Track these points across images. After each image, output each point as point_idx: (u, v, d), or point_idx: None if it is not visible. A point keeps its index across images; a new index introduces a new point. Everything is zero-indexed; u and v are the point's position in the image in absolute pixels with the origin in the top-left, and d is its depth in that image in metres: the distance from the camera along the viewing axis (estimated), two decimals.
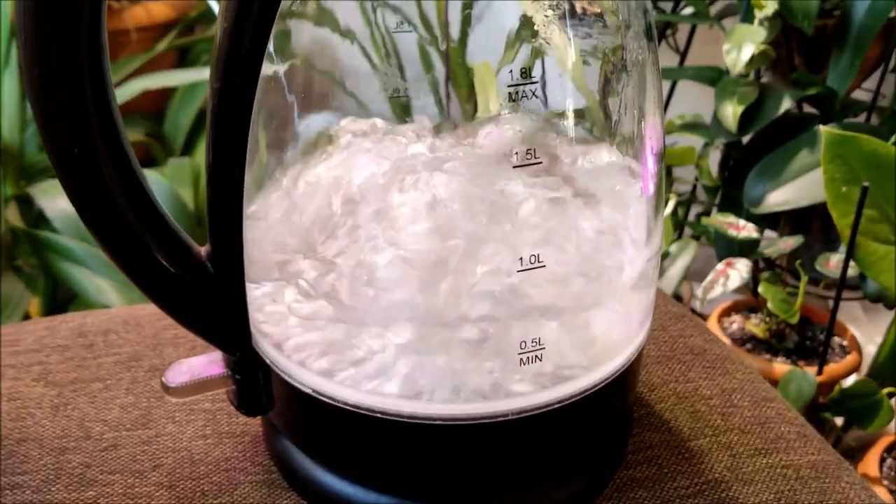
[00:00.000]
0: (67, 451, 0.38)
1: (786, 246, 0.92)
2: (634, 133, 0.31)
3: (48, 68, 0.28)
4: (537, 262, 0.28)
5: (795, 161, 0.94)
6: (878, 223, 0.79)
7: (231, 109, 0.30)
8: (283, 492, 0.36)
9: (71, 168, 0.30)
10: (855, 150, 0.77)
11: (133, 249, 0.32)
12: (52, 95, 0.29)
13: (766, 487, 0.37)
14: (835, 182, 0.78)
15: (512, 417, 0.31)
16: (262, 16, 0.28)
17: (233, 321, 0.34)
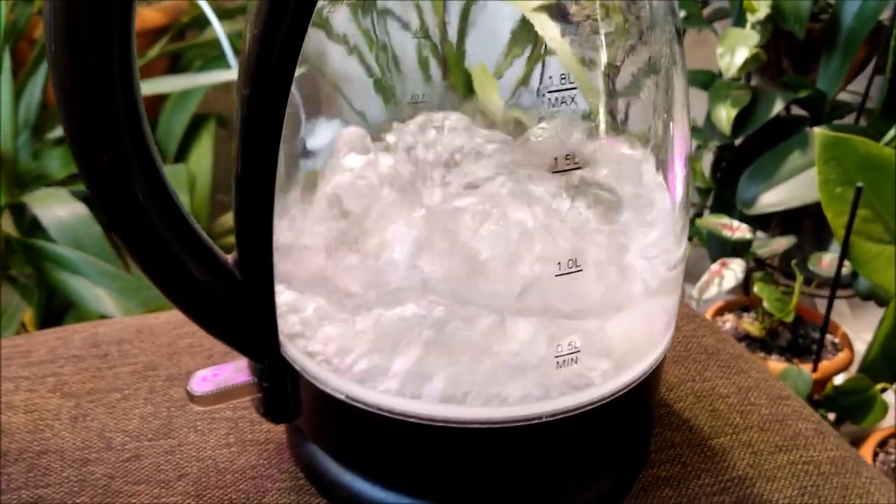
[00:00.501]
0: (90, 462, 0.38)
1: (779, 246, 0.93)
2: (662, 137, 0.32)
3: (80, 80, 0.28)
4: (575, 267, 0.29)
5: (787, 163, 0.95)
6: (872, 223, 0.80)
7: (262, 116, 0.30)
8: (311, 498, 0.36)
9: (102, 179, 0.30)
10: (849, 152, 0.78)
11: (163, 259, 0.32)
12: (84, 108, 0.28)
13: (788, 483, 0.37)
14: (829, 183, 0.79)
15: (546, 420, 0.31)
16: (295, 19, 0.28)
17: (261, 329, 0.34)
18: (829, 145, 0.79)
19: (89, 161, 0.30)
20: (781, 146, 0.96)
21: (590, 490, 0.36)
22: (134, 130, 0.30)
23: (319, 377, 0.33)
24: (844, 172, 0.79)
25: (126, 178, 0.30)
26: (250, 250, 0.33)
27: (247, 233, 0.33)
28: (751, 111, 0.95)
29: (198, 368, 0.44)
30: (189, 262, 0.33)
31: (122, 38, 0.28)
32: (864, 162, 0.78)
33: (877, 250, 0.81)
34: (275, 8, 0.28)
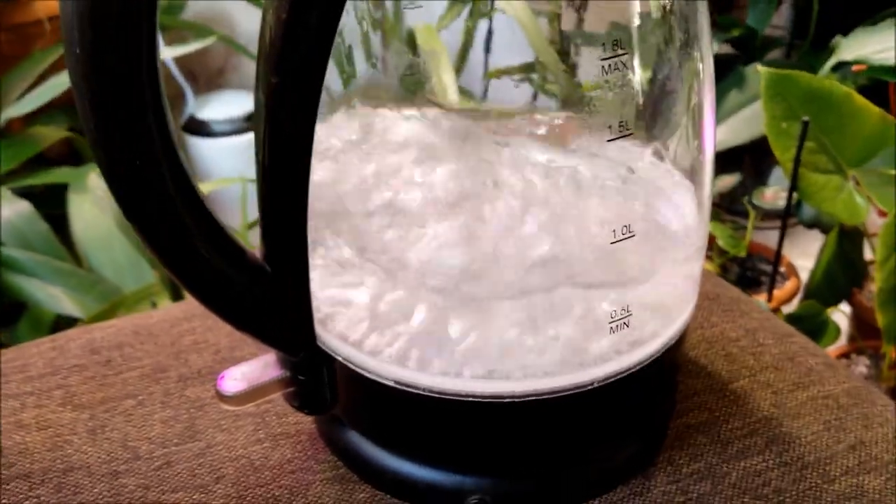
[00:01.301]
0: (120, 474, 0.37)
1: (724, 185, 0.96)
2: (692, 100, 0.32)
3: (106, 80, 0.26)
4: (629, 233, 0.29)
5: (726, 102, 0.97)
6: (817, 154, 0.83)
7: (294, 107, 0.29)
8: (355, 485, 0.36)
9: (131, 181, 0.28)
10: (792, 88, 0.80)
11: (194, 260, 0.31)
12: (112, 106, 0.27)
13: (813, 419, 0.39)
14: (775, 119, 0.82)
15: (596, 386, 0.32)
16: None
17: (296, 322, 0.33)
18: (774, 82, 0.81)
19: (118, 166, 0.28)
20: (718, 86, 0.98)
21: (630, 446, 0.36)
22: (161, 130, 0.28)
23: (366, 365, 0.33)
24: (789, 108, 0.81)
25: (159, 179, 0.29)
26: (281, 243, 0.32)
27: (276, 225, 0.32)
28: None
29: (206, 365, 0.43)
30: (217, 260, 0.31)
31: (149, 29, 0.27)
32: (807, 96, 0.80)
33: (823, 180, 0.83)
34: None
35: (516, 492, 0.34)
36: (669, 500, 0.35)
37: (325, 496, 0.36)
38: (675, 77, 0.32)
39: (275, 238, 0.32)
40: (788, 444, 0.37)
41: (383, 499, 0.35)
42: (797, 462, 0.36)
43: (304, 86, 0.28)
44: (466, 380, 0.31)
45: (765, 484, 0.35)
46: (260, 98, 0.30)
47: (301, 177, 0.30)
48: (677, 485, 0.36)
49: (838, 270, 0.98)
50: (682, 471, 0.36)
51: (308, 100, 0.29)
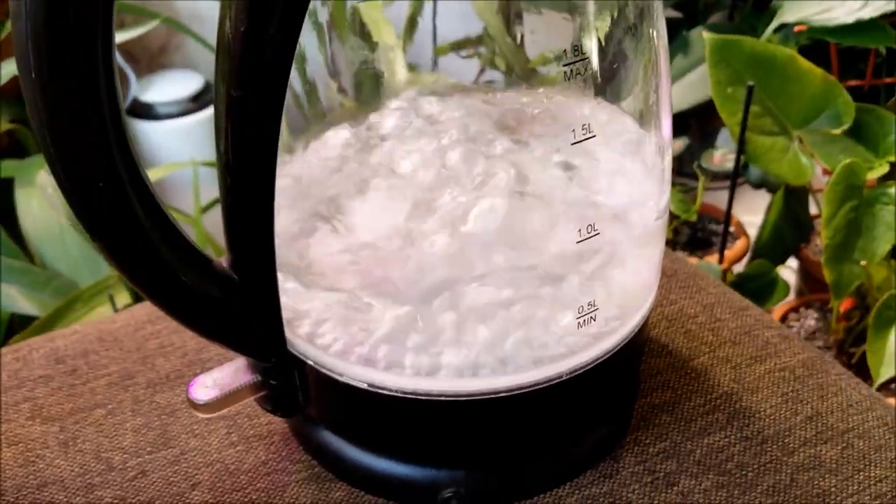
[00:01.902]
0: (95, 487, 0.37)
1: (673, 149, 0.97)
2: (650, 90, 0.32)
3: (63, 90, 0.26)
4: (593, 231, 0.29)
5: (671, 68, 0.98)
6: (763, 117, 0.85)
7: (258, 118, 0.29)
8: (332, 484, 0.37)
9: (93, 200, 0.28)
10: (737, 53, 0.81)
11: (159, 274, 0.31)
12: (68, 115, 0.26)
13: (771, 392, 0.40)
14: (721, 84, 0.83)
15: (564, 378, 0.33)
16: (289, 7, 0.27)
17: (266, 329, 0.33)
18: (718, 48, 0.82)
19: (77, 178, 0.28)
20: None
21: (599, 431, 0.37)
22: (119, 137, 0.28)
23: (336, 369, 0.33)
24: (734, 73, 0.83)
25: (121, 194, 0.28)
26: (247, 251, 0.32)
27: (242, 234, 0.32)
28: None
29: (174, 369, 0.43)
30: (183, 272, 0.31)
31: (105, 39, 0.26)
32: (751, 60, 0.82)
33: (769, 143, 0.85)
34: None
35: (489, 483, 0.35)
36: (638, 480, 0.36)
37: (301, 497, 0.36)
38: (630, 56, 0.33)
39: (241, 247, 0.32)
40: (749, 419, 0.39)
41: (360, 496, 0.36)
42: (757, 436, 0.38)
43: (267, 96, 0.28)
44: (436, 379, 0.32)
45: (728, 459, 0.37)
46: (220, 110, 0.29)
47: (266, 186, 0.30)
48: (644, 465, 0.37)
49: (785, 228, 1.00)
50: (648, 451, 0.37)
51: (271, 110, 0.29)
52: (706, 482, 0.36)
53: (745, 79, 0.82)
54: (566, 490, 0.36)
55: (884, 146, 0.84)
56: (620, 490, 0.36)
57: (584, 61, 0.28)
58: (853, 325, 0.95)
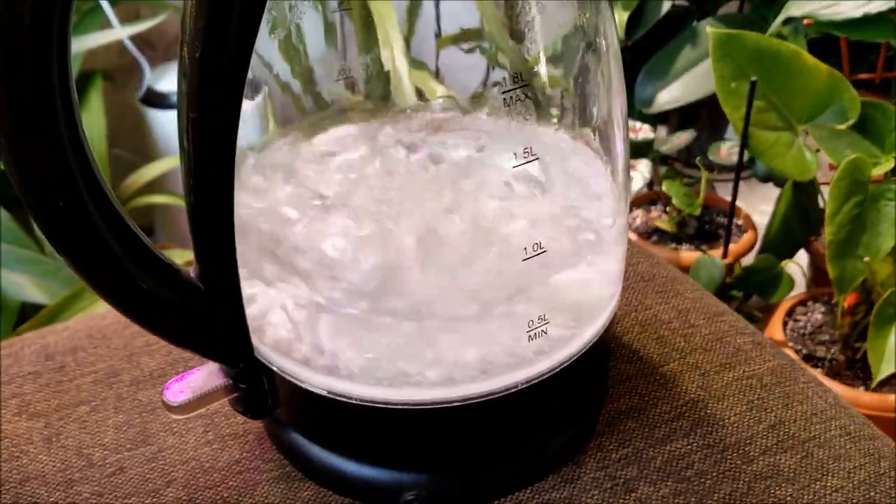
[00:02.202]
0: (75, 483, 0.38)
1: (680, 141, 0.97)
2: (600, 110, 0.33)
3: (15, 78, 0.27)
4: (540, 249, 0.30)
5: (680, 59, 0.98)
6: (766, 112, 0.84)
7: (215, 136, 0.30)
8: (301, 483, 0.38)
9: (53, 212, 0.29)
10: (740, 47, 0.81)
11: (124, 284, 0.32)
12: (24, 128, 0.27)
13: (737, 400, 0.41)
14: (724, 79, 0.83)
15: (521, 387, 0.33)
16: (242, 32, 0.28)
17: (233, 336, 0.34)
18: (722, 42, 0.81)
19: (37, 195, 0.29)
20: (672, 43, 0.99)
21: (560, 438, 0.38)
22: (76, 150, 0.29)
23: (299, 375, 0.34)
24: (737, 67, 0.82)
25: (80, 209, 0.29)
26: (212, 261, 0.33)
27: (207, 245, 0.33)
28: (641, 12, 0.96)
29: (159, 367, 0.44)
30: (149, 282, 0.32)
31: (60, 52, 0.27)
32: (755, 55, 0.81)
33: (773, 138, 0.85)
34: (216, 26, 0.28)
35: (450, 486, 0.36)
36: (598, 486, 0.37)
37: (271, 495, 0.37)
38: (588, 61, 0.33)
39: (207, 258, 0.33)
40: (712, 427, 0.39)
41: (327, 496, 0.37)
42: (719, 444, 0.38)
43: (222, 118, 0.29)
44: (396, 389, 0.33)
45: (688, 467, 0.37)
46: (182, 126, 0.30)
47: (226, 199, 0.31)
48: (606, 471, 0.38)
49: (794, 222, 1.00)
50: (610, 456, 0.38)
51: (227, 130, 0.29)
52: (664, 489, 0.37)
53: (749, 73, 0.82)
54: (526, 494, 0.37)
55: (890, 141, 0.84)
56: (580, 495, 0.37)
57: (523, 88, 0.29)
58: (858, 321, 0.95)
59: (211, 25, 0.27)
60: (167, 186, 1.10)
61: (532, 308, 0.32)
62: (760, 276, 0.96)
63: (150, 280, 0.32)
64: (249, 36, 0.28)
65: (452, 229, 0.31)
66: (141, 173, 0.97)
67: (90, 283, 0.31)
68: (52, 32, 0.26)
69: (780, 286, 0.94)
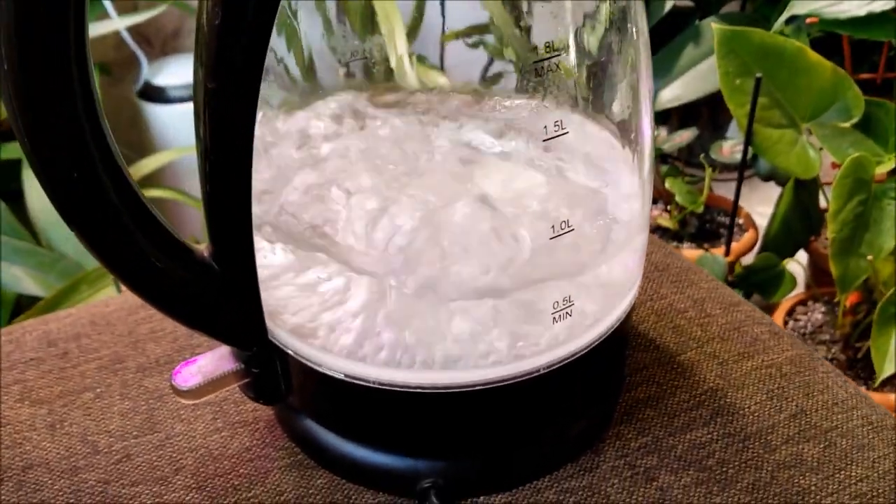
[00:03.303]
0: (80, 470, 0.37)
1: (682, 139, 0.96)
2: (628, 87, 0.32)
3: (34, 66, 0.26)
4: (567, 227, 0.29)
5: (682, 57, 0.97)
6: (771, 109, 0.84)
7: (233, 109, 0.29)
8: (314, 472, 0.37)
9: (68, 187, 0.28)
10: (745, 44, 0.80)
11: (138, 262, 0.31)
12: (39, 102, 0.27)
13: (757, 389, 0.40)
14: (729, 76, 0.82)
15: (543, 372, 0.33)
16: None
17: (247, 318, 0.33)
18: (727, 39, 0.81)
19: (54, 171, 0.28)
20: (675, 42, 0.98)
21: (579, 425, 0.37)
22: (91, 118, 0.28)
23: (314, 358, 0.33)
24: (742, 64, 0.82)
25: (97, 186, 0.28)
26: (227, 240, 0.32)
27: (222, 223, 0.32)
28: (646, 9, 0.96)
29: (165, 354, 0.43)
30: (164, 261, 0.32)
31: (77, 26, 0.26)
32: (760, 52, 0.81)
33: (777, 135, 0.85)
34: None
35: (468, 474, 0.35)
36: (618, 475, 0.36)
37: (283, 483, 0.36)
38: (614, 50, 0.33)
39: (221, 236, 0.32)
40: (732, 415, 0.39)
41: (341, 484, 0.36)
42: (740, 433, 0.38)
43: (241, 88, 0.28)
44: (412, 371, 0.32)
45: (709, 455, 0.37)
46: (199, 99, 0.30)
47: (244, 176, 0.30)
48: (625, 459, 0.37)
49: (795, 221, 1.00)
50: (630, 445, 0.37)
51: (246, 102, 0.29)
52: (686, 478, 0.36)
53: (754, 70, 0.81)
54: (545, 483, 0.36)
55: (892, 141, 0.84)
56: (599, 484, 0.36)
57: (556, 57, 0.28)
58: (860, 320, 0.94)
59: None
60: (164, 181, 1.09)
61: (558, 288, 0.31)
62: (762, 275, 0.95)
63: (162, 258, 0.31)
64: (272, 2, 0.27)
65: (478, 206, 0.30)
66: (138, 167, 0.95)
67: (100, 258, 0.30)
68: None
69: (782, 285, 0.94)
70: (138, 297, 0.32)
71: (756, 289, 0.96)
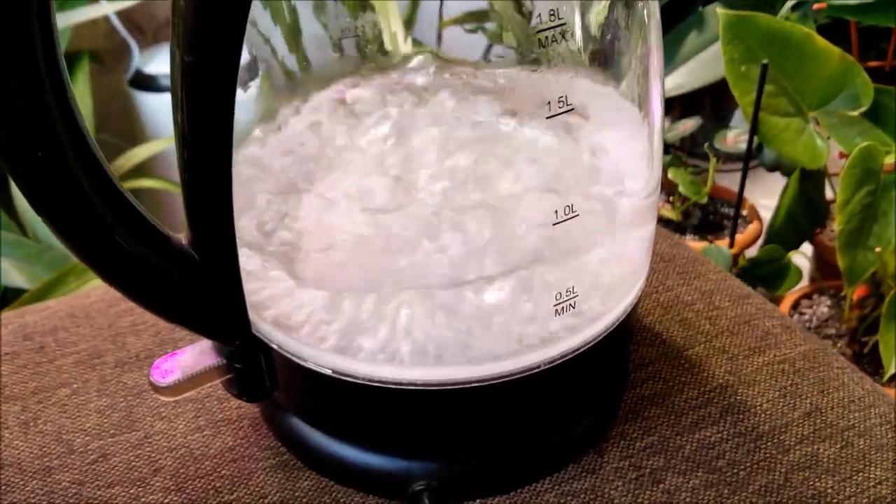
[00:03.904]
0: (53, 470, 0.35)
1: (685, 129, 0.94)
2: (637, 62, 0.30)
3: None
4: (572, 213, 0.27)
5: (685, 45, 0.95)
6: (777, 97, 0.82)
7: (212, 83, 0.27)
8: (299, 472, 0.35)
9: (35, 170, 0.26)
10: (751, 29, 0.78)
11: (111, 251, 0.29)
12: (6, 83, 0.25)
13: (769, 386, 0.38)
14: (734, 62, 0.80)
15: (543, 368, 0.31)
16: None
17: (229, 311, 0.31)
18: (732, 24, 0.79)
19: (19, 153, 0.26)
20: (678, 29, 0.96)
21: (581, 424, 0.35)
22: (58, 95, 0.26)
23: (300, 353, 0.31)
24: (748, 50, 0.80)
25: (64, 166, 0.26)
26: (207, 228, 0.30)
27: (202, 210, 0.30)
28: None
29: (146, 348, 0.41)
30: (141, 250, 0.29)
31: None
32: (766, 38, 0.79)
33: (784, 123, 0.82)
34: None
35: (464, 477, 0.33)
36: (622, 476, 0.34)
37: (267, 485, 0.34)
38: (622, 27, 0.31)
39: (201, 223, 0.30)
40: (743, 414, 0.37)
41: (328, 486, 0.34)
42: (752, 432, 0.36)
43: (221, 60, 0.26)
44: (404, 367, 0.30)
45: (718, 456, 0.35)
46: (176, 79, 0.27)
47: (223, 159, 0.28)
48: (630, 460, 0.35)
49: (800, 212, 0.97)
50: (634, 445, 0.35)
51: (226, 76, 0.27)
52: (694, 480, 0.34)
53: (760, 57, 0.79)
54: (545, 485, 0.34)
55: None
56: (603, 486, 0.34)
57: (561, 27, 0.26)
58: (867, 314, 0.92)
59: None
60: (155, 170, 1.07)
61: (560, 278, 0.29)
62: (766, 268, 0.93)
63: (137, 244, 0.29)
64: None
65: (475, 191, 0.28)
66: (129, 156, 0.93)
67: (68, 244, 0.28)
68: None
69: (787, 278, 0.92)
70: (111, 286, 0.30)
71: (760, 282, 0.94)
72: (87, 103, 0.96)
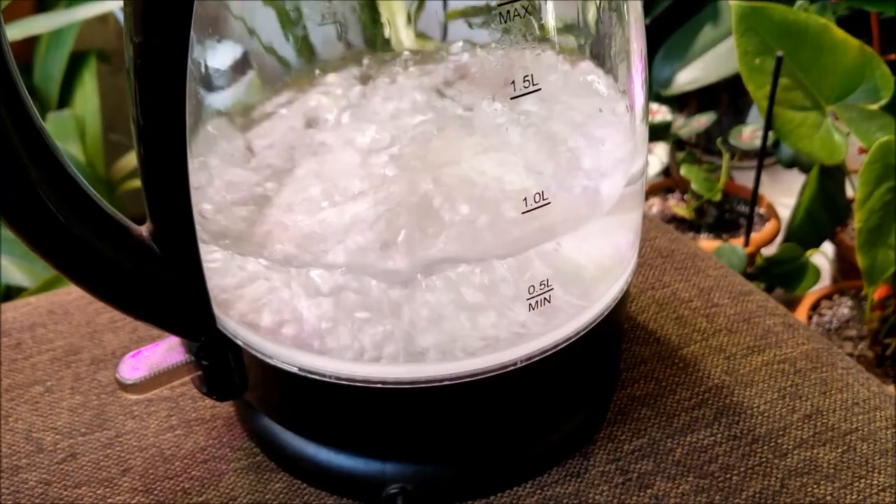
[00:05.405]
0: (20, 469, 0.34)
1: (699, 124, 0.92)
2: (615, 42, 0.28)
3: None
4: (542, 200, 0.26)
5: (700, 38, 0.93)
6: (793, 91, 0.79)
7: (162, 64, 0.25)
8: (272, 474, 0.34)
9: None
10: (765, 21, 0.76)
11: (64, 242, 0.28)
12: None
13: (767, 387, 0.36)
14: (748, 55, 0.78)
15: (520, 365, 0.29)
16: None
17: (193, 305, 0.30)
18: (745, 15, 0.77)
19: None
20: (692, 21, 0.94)
21: (566, 425, 0.33)
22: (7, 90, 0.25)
23: (265, 350, 0.30)
24: (762, 42, 0.77)
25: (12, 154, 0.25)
26: (167, 219, 0.29)
27: (160, 200, 0.29)
28: None
29: (122, 345, 0.40)
30: (97, 242, 0.28)
31: None
32: (780, 29, 0.76)
33: (800, 118, 0.80)
34: None
35: (440, 479, 0.32)
36: (608, 481, 0.32)
37: (238, 487, 0.33)
38: None
39: (161, 216, 0.29)
40: (739, 416, 0.35)
41: (300, 488, 0.33)
42: (747, 435, 0.34)
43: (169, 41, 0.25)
44: (374, 365, 0.28)
45: (711, 460, 0.33)
46: (128, 67, 0.26)
47: (178, 143, 0.27)
48: (617, 464, 0.33)
49: (820, 211, 0.95)
50: (623, 448, 0.34)
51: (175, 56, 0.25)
52: (684, 485, 0.32)
53: (774, 49, 0.77)
54: (526, 489, 0.32)
55: None
56: (587, 491, 0.32)
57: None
58: (889, 315, 0.90)
59: None
60: None
61: (533, 270, 0.27)
62: (784, 267, 0.90)
63: (94, 238, 0.28)
64: None
65: (439, 178, 0.26)
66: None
67: (20, 236, 0.27)
68: None
69: (806, 277, 0.89)
70: (69, 279, 0.29)
71: (778, 281, 0.92)
72: (93, 102, 0.96)
